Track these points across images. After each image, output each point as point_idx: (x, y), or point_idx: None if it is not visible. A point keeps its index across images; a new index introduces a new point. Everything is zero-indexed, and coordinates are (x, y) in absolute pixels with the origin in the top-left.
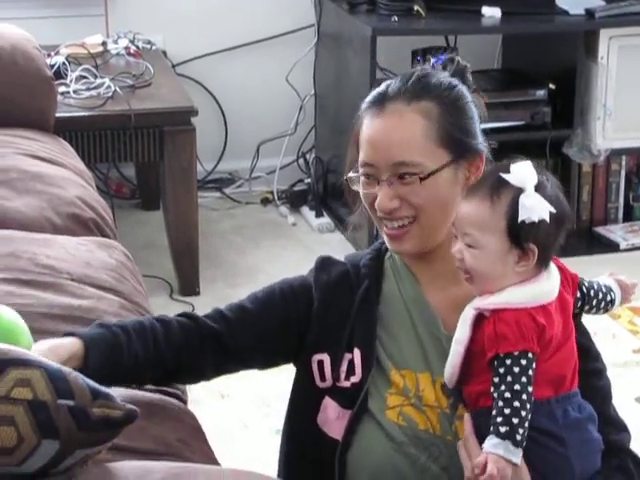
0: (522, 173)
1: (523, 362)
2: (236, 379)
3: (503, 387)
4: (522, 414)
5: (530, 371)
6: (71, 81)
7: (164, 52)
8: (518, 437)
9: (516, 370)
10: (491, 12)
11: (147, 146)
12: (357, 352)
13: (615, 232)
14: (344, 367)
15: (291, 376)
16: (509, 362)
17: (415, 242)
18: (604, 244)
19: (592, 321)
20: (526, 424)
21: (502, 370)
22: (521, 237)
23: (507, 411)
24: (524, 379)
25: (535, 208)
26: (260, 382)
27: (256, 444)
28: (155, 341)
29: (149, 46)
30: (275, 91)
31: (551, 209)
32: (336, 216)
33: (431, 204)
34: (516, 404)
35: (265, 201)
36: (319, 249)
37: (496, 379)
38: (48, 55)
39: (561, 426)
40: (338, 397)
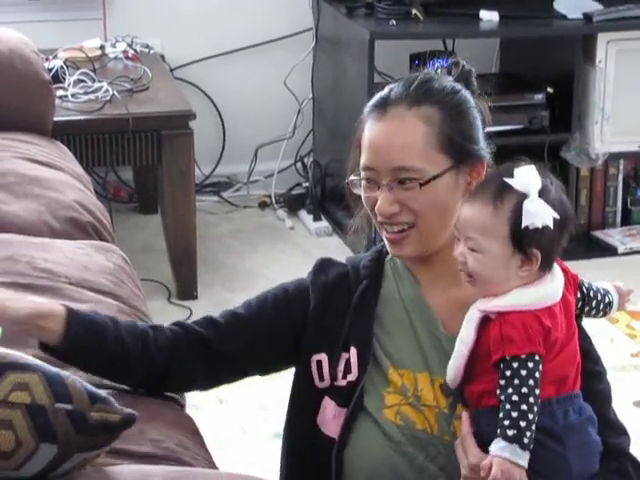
0: (526, 178)
1: (530, 365)
2: (234, 384)
3: (510, 390)
4: (529, 417)
5: (537, 374)
6: (69, 85)
7: (162, 56)
8: (525, 440)
9: (523, 373)
10: (489, 16)
11: (145, 150)
12: (354, 351)
13: (613, 236)
14: (341, 366)
15: (289, 381)
16: (516, 365)
17: (414, 247)
18: (602, 248)
19: (590, 325)
20: (533, 427)
21: (509, 373)
22: (524, 242)
23: (514, 414)
24: (531, 382)
25: (539, 214)
26: (258, 387)
27: (254, 449)
28: (144, 341)
29: (147, 50)
30: (273, 95)
31: (555, 215)
32: (334, 220)
33: (430, 210)
34: (523, 407)
35: (263, 205)
36: (317, 253)
37: (502, 382)
38: (46, 59)
39: (561, 426)
40: (335, 396)
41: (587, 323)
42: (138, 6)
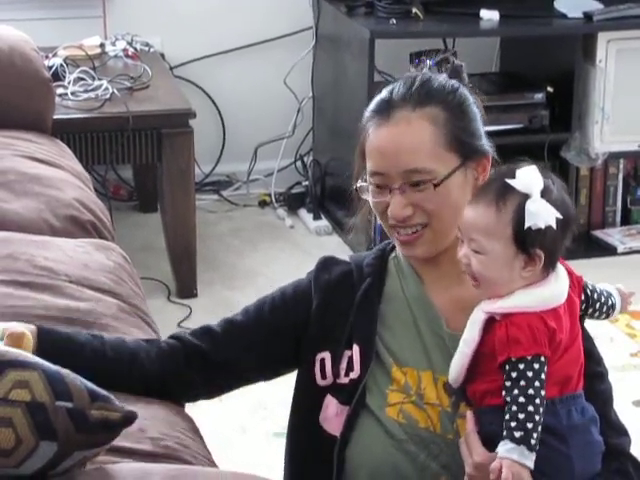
0: (528, 179)
1: (536, 366)
2: None
3: (516, 391)
4: (536, 418)
5: (543, 375)
6: (69, 83)
7: (162, 54)
8: (533, 441)
9: (529, 374)
10: (489, 15)
11: (145, 148)
12: (356, 348)
13: (613, 235)
14: (344, 364)
15: (289, 380)
16: (522, 366)
17: (428, 247)
18: (602, 247)
19: (590, 325)
20: (539, 428)
21: (515, 374)
22: (527, 243)
23: (521, 416)
24: (537, 383)
25: (541, 214)
26: (258, 386)
27: (254, 448)
28: (133, 355)
29: (147, 48)
30: (273, 94)
31: (557, 215)
32: (334, 219)
33: (444, 209)
34: (530, 408)
35: (263, 204)
36: (317, 252)
37: (508, 383)
38: (46, 57)
39: (565, 426)
40: (338, 394)
41: (587, 323)
42: (138, 4)
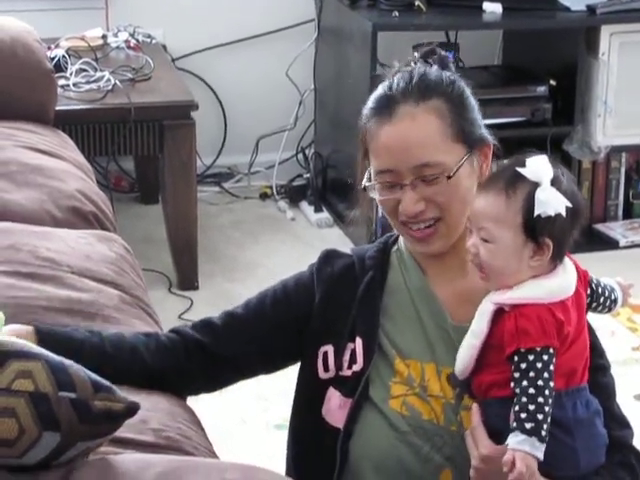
0: (538, 167)
1: (545, 357)
2: None
3: (525, 383)
4: (546, 409)
5: (551, 366)
6: (71, 74)
7: (164, 46)
8: (543, 433)
9: (539, 365)
10: (492, 8)
11: (147, 140)
12: (359, 341)
13: (615, 229)
14: (346, 357)
15: (288, 371)
16: (531, 358)
17: (443, 241)
18: (604, 241)
19: (591, 319)
20: (549, 419)
21: (524, 366)
22: (536, 231)
23: (531, 407)
24: (546, 374)
25: (551, 202)
26: (258, 378)
27: (254, 439)
28: (133, 349)
29: (149, 40)
30: (275, 86)
31: (567, 203)
32: (335, 211)
33: (455, 201)
34: (540, 400)
35: (264, 196)
36: (318, 244)
37: (517, 374)
38: (48, 48)
39: (570, 418)
40: (340, 386)
41: (588, 317)
42: None
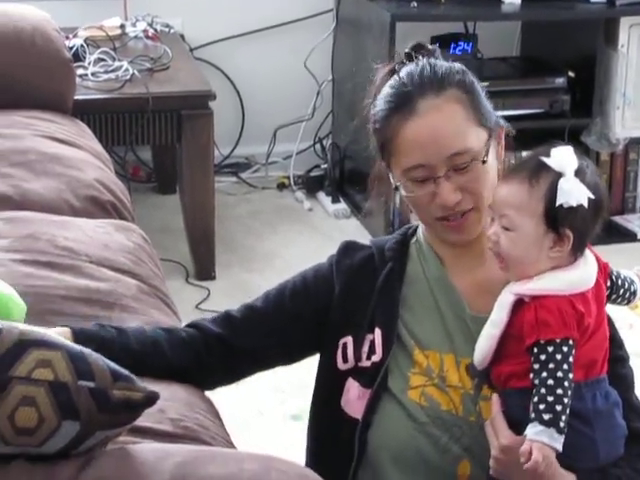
0: (562, 157)
1: (565, 349)
2: None
3: (545, 374)
4: (564, 401)
5: (571, 358)
6: (89, 64)
7: (182, 36)
8: (562, 424)
9: (558, 357)
10: None
11: (164, 129)
12: (378, 332)
13: (632, 222)
14: (365, 348)
15: (306, 363)
16: (551, 349)
17: (475, 228)
18: (621, 233)
19: (609, 311)
20: (568, 411)
21: (543, 357)
22: (558, 221)
23: (550, 398)
24: (566, 366)
25: (574, 193)
26: (275, 369)
27: (271, 430)
28: (155, 344)
29: (167, 29)
30: (293, 76)
31: (590, 195)
32: (352, 202)
33: (489, 186)
34: (559, 391)
35: (281, 186)
36: (335, 235)
37: (536, 365)
38: (67, 37)
39: (589, 410)
40: (359, 377)
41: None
42: None
